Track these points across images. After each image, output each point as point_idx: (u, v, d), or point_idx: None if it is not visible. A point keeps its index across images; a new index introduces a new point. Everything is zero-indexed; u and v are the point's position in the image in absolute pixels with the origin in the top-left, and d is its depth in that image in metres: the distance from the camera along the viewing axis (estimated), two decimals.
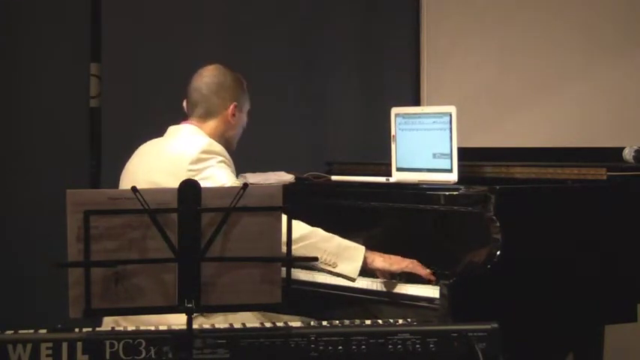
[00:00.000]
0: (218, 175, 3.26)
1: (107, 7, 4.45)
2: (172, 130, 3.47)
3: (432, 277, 3.18)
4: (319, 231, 3.24)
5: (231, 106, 3.44)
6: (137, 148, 3.51)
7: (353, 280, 3.24)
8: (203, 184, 3.14)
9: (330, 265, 3.21)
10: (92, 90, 4.42)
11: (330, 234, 3.25)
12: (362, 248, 3.24)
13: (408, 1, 5.15)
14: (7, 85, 4.36)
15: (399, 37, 5.13)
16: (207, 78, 3.46)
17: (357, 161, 4.27)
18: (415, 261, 3.23)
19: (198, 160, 3.27)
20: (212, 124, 3.44)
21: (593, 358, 3.43)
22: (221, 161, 3.31)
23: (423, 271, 3.20)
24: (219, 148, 3.36)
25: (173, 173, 3.19)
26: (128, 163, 3.47)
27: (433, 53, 5.10)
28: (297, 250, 3.14)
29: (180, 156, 3.29)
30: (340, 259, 3.22)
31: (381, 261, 3.24)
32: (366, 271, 3.26)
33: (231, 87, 3.46)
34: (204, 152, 3.30)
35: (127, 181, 3.35)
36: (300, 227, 3.20)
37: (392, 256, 3.25)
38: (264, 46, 4.78)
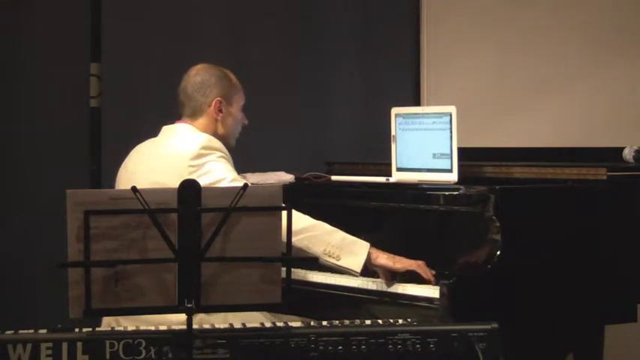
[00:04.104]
0: (218, 169, 3.27)
1: (107, 7, 4.45)
2: (167, 129, 3.47)
3: (433, 280, 3.17)
4: (324, 224, 3.25)
5: (214, 102, 3.44)
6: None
7: (356, 274, 3.25)
8: (203, 178, 3.18)
9: (333, 257, 3.22)
10: (92, 90, 4.42)
11: (335, 228, 3.26)
12: (366, 244, 3.25)
13: (408, 2, 5.15)
14: (7, 85, 4.36)
15: (399, 37, 5.13)
16: (191, 78, 3.48)
17: (357, 161, 4.27)
18: (420, 262, 3.22)
19: (199, 156, 3.28)
20: (202, 121, 3.45)
21: (593, 358, 3.43)
22: (220, 156, 3.33)
23: (426, 274, 3.19)
24: (218, 144, 3.37)
25: (175, 172, 3.19)
26: (125, 163, 3.46)
27: (433, 53, 5.10)
28: (301, 240, 3.16)
29: (180, 154, 3.30)
30: (344, 252, 3.23)
31: (384, 258, 3.24)
32: (368, 269, 3.26)
33: (214, 84, 3.46)
34: (203, 148, 3.31)
35: (125, 182, 3.34)
36: (304, 220, 3.22)
37: (396, 256, 3.25)
38: (264, 46, 4.78)
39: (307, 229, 3.21)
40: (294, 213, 2.93)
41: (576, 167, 3.44)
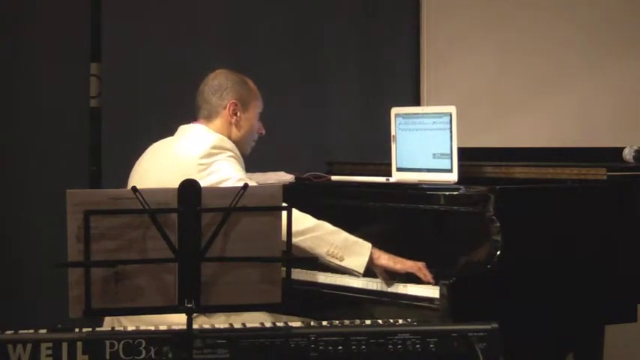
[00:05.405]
0: (225, 168, 3.29)
1: (107, 7, 4.44)
2: (183, 129, 3.49)
3: (433, 282, 3.17)
4: (326, 224, 3.26)
5: (229, 104, 3.46)
6: (137, 148, 3.52)
7: (359, 275, 3.26)
8: (211, 177, 3.20)
9: (336, 258, 3.23)
10: (92, 90, 4.42)
11: (337, 228, 3.26)
12: (368, 245, 3.26)
13: (408, 2, 5.15)
14: (7, 85, 4.36)
15: (399, 37, 5.13)
16: (209, 81, 3.51)
17: (357, 161, 4.27)
18: (421, 264, 3.22)
19: (209, 155, 3.30)
20: (217, 123, 3.46)
21: (593, 358, 3.43)
22: (230, 156, 3.35)
23: (425, 277, 3.19)
24: (229, 144, 3.39)
25: (185, 170, 3.19)
26: (138, 162, 3.48)
27: (433, 53, 5.10)
28: (304, 241, 3.17)
29: (191, 152, 3.32)
30: (347, 252, 3.23)
31: (385, 259, 3.25)
32: (369, 269, 3.26)
33: (231, 87, 3.48)
34: (214, 147, 3.33)
35: (137, 180, 3.34)
36: (307, 220, 3.23)
37: (397, 257, 3.26)
38: (264, 46, 4.79)
39: (311, 230, 3.21)
40: (297, 213, 2.94)
41: (576, 167, 3.44)
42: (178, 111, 3.65)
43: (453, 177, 3.48)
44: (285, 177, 3.90)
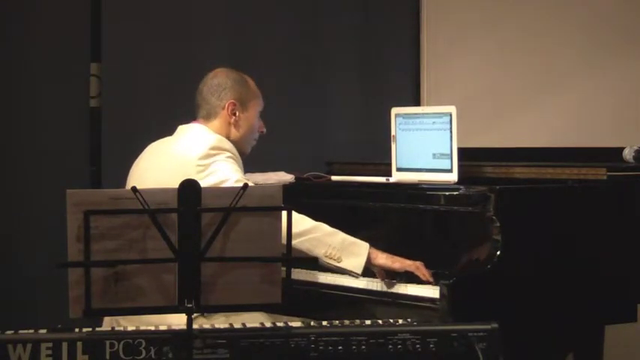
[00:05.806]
0: (223, 169, 3.29)
1: (107, 7, 4.44)
2: (182, 129, 3.49)
3: (431, 281, 3.17)
4: (324, 226, 3.26)
5: (227, 104, 3.45)
6: (137, 148, 3.52)
7: (357, 275, 3.26)
8: (209, 178, 3.19)
9: (334, 259, 3.23)
10: (92, 90, 4.42)
11: (334, 229, 3.26)
12: (366, 245, 3.26)
13: (408, 2, 5.15)
14: (7, 85, 4.36)
15: (399, 37, 5.13)
16: (209, 80, 3.50)
17: (357, 161, 4.27)
18: (419, 263, 3.22)
19: (207, 156, 3.30)
20: (216, 123, 3.46)
21: (593, 358, 3.43)
22: (228, 157, 3.34)
23: (424, 275, 3.19)
24: (228, 145, 3.39)
25: (184, 171, 3.19)
26: (137, 162, 3.48)
27: (433, 53, 5.09)
28: (302, 243, 3.17)
29: (189, 153, 3.32)
30: (345, 253, 3.23)
31: (383, 258, 3.26)
32: (368, 269, 3.26)
33: (230, 87, 3.47)
34: (212, 148, 3.33)
35: (136, 179, 3.35)
36: (304, 221, 3.23)
37: (395, 256, 3.26)
38: (264, 46, 4.78)
39: (308, 231, 3.21)
40: (295, 214, 2.94)
41: (576, 167, 3.45)
42: (178, 111, 3.65)
43: (453, 177, 3.48)
44: (285, 177, 3.90)
